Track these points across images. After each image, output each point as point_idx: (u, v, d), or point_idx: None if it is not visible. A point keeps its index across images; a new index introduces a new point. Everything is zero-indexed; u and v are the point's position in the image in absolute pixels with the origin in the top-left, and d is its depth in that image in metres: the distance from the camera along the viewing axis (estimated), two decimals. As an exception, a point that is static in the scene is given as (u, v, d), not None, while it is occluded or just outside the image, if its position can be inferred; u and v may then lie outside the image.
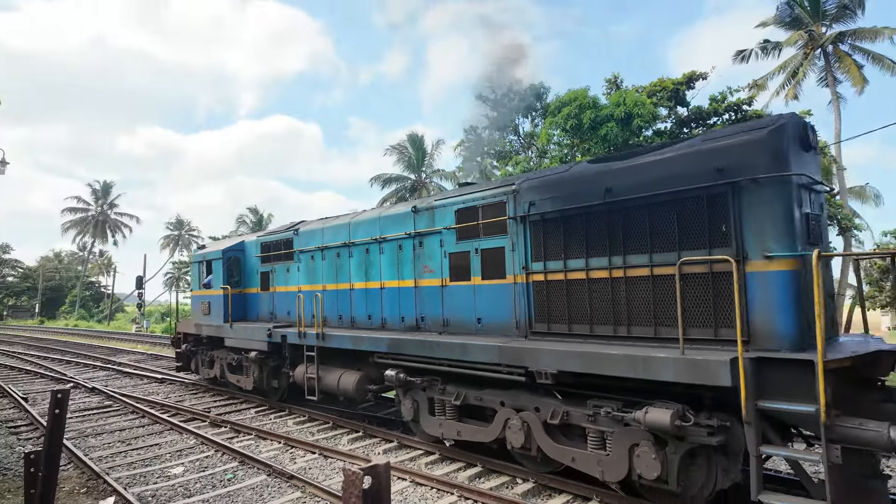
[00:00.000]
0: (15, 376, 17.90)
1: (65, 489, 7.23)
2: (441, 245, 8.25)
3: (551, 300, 6.66)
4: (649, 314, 5.73)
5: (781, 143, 5.06)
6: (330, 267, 10.53)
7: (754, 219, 5.09)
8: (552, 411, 6.28)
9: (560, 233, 6.60)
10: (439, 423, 7.82)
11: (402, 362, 8.16)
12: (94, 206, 59.28)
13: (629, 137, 20.03)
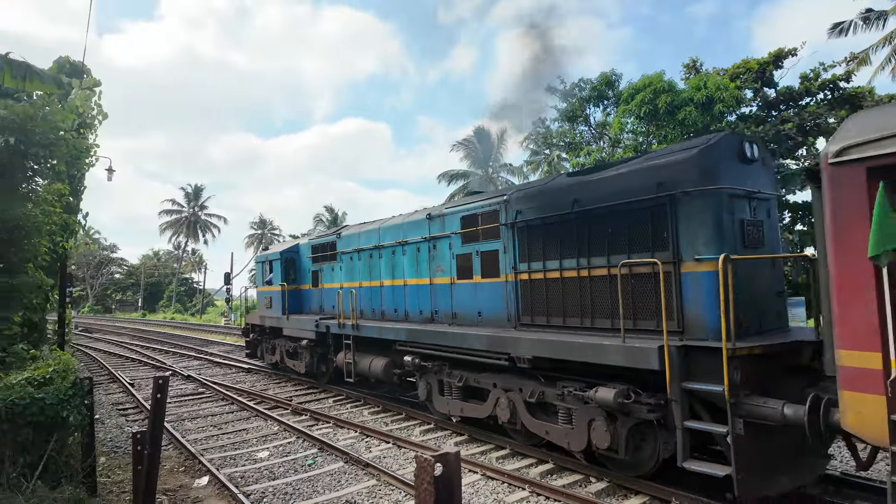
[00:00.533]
0: (123, 364, 19.78)
1: (166, 467, 7.91)
2: (450, 248, 9.37)
3: (534, 296, 7.67)
4: (607, 308, 6.64)
5: (709, 161, 5.87)
6: (364, 266, 11.89)
7: (687, 226, 5.89)
8: (531, 391, 7.32)
9: (540, 238, 7.58)
10: (447, 402, 9.04)
11: (418, 349, 9.42)
12: (186, 208, 64.01)
13: (710, 123, 18.90)
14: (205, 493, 6.97)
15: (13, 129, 6.04)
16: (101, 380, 15.99)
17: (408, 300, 10.55)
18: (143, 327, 39.54)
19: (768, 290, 6.21)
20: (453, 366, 8.85)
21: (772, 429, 5.11)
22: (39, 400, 5.99)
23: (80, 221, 11.04)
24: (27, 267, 6.77)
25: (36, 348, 8.95)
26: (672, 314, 5.90)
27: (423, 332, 9.25)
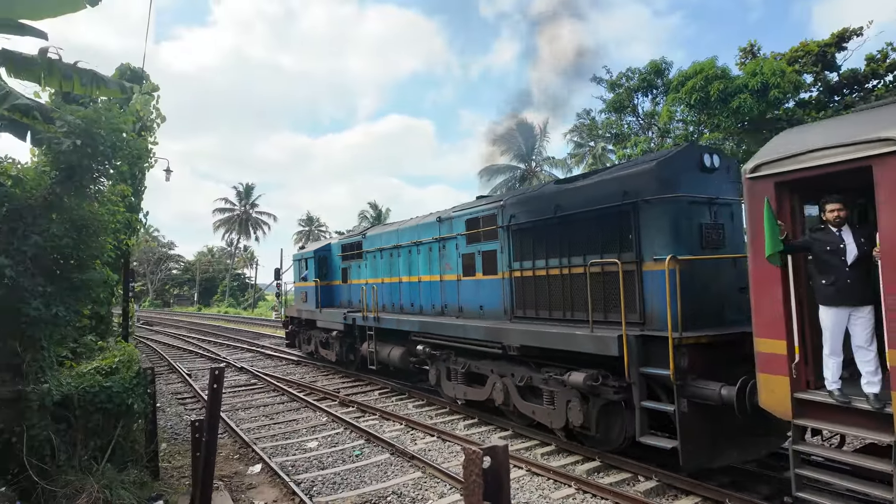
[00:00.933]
0: (181, 355, 20.77)
1: (221, 455, 8.26)
2: (456, 248, 10.25)
3: (525, 292, 8.48)
4: (583, 303, 7.24)
5: (667, 172, 6.53)
6: (386, 264, 12.94)
7: (648, 230, 6.55)
8: (521, 376, 8.18)
9: (530, 239, 8.38)
10: (453, 387, 9.95)
11: (428, 340, 10.42)
12: (238, 206, 66.37)
13: (766, 110, 18.03)
14: (258, 481, 7.25)
15: (80, 133, 6.42)
16: (161, 370, 16.85)
17: (422, 295, 11.52)
18: (199, 320, 41.33)
19: (729, 286, 6.66)
20: (458, 354, 9.77)
21: (720, 408, 5.70)
22: (107, 388, 6.38)
23: (141, 220, 11.65)
24: (94, 263, 7.19)
25: (103, 340, 9.52)
26: (635, 308, 6.67)
27: (432, 324, 10.32)
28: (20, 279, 5.99)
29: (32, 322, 6.06)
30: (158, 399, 10.61)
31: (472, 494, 1.61)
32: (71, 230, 6.68)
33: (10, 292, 5.93)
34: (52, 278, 6.49)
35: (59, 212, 6.60)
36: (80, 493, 5.74)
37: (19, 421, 5.82)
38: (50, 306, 6.22)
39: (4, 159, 6.67)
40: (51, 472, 5.90)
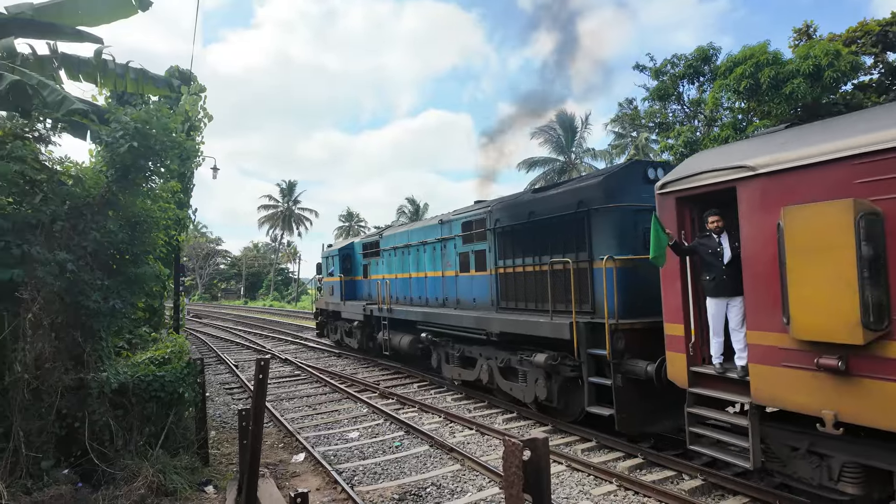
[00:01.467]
0: (228, 347, 21.52)
1: (267, 443, 8.53)
2: (455, 247, 11.47)
3: (507, 286, 9.67)
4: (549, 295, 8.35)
5: (612, 185, 7.70)
6: (399, 261, 14.20)
7: (597, 234, 7.72)
8: (502, 359, 9.46)
9: (511, 240, 9.57)
10: (450, 369, 11.32)
11: (431, 328, 11.80)
12: (281, 202, 68.05)
13: (821, 95, 17.10)
14: (301, 469, 7.45)
15: (134, 133, 6.72)
16: (210, 361, 17.51)
17: (428, 289, 12.77)
18: (245, 314, 42.70)
19: None
20: (455, 341, 11.14)
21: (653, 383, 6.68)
22: (160, 377, 6.68)
23: (190, 216, 12.12)
24: (148, 258, 7.53)
25: (156, 331, 9.96)
26: (588, 299, 7.82)
27: (433, 315, 11.65)
28: (81, 273, 6.33)
29: (92, 314, 6.39)
30: (207, 389, 11.03)
31: (512, 486, 1.61)
32: (126, 226, 7.02)
33: (72, 286, 6.28)
34: (109, 272, 6.84)
35: (115, 209, 6.94)
36: (137, 477, 6.05)
37: (81, 407, 6.17)
38: (108, 299, 6.55)
39: (65, 160, 7.04)
40: (110, 456, 6.23)
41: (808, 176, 4.78)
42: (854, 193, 4.39)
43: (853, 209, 4.29)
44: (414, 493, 6.41)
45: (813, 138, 4.98)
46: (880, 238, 4.26)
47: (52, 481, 5.84)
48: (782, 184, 4.98)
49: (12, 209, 6.38)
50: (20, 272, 5.90)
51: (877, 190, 4.31)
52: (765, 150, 5.29)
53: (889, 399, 4.22)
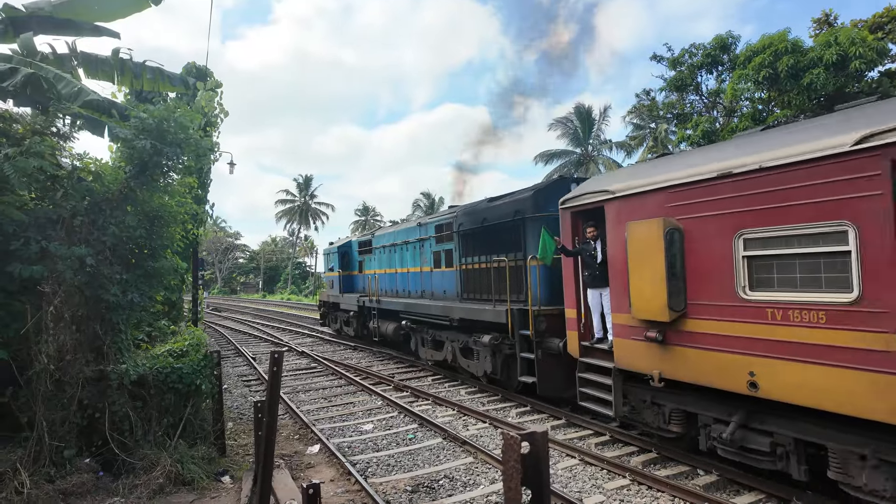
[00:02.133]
0: (247, 340, 21.83)
1: (283, 434, 8.66)
2: (430, 247, 13.34)
3: (468, 280, 11.58)
4: (496, 287, 10.34)
5: (539, 198, 9.51)
6: (387, 258, 16.07)
7: (529, 238, 9.42)
8: (461, 341, 11.29)
9: (470, 241, 11.47)
10: (425, 351, 13.22)
11: (410, 316, 13.64)
12: (298, 197, 68.63)
13: (844, 84, 16.63)
14: (316, 460, 7.55)
15: (151, 130, 6.82)
16: (228, 353, 17.78)
17: (409, 283, 14.67)
18: (263, 307, 43.24)
19: None
20: (429, 327, 12.86)
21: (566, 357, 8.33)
22: (178, 369, 6.80)
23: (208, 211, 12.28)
24: (165, 252, 7.66)
25: (175, 324, 10.14)
26: (523, 290, 9.46)
27: (412, 304, 13.51)
28: (100, 267, 6.47)
29: (111, 307, 6.53)
30: (225, 381, 11.21)
31: (511, 480, 1.61)
32: (144, 221, 7.14)
33: (92, 279, 6.42)
34: (127, 266, 6.97)
35: (133, 204, 7.07)
36: (155, 466, 6.19)
37: (102, 398, 6.32)
38: (126, 293, 6.69)
39: (84, 156, 7.18)
40: (129, 446, 6.38)
41: (642, 199, 6.52)
42: (666, 214, 6.14)
43: (663, 225, 6.00)
44: (427, 485, 6.45)
45: (648, 172, 6.71)
46: (680, 246, 5.97)
47: (74, 470, 6.01)
48: (629, 204, 6.71)
49: (34, 204, 6.53)
50: (40, 269, 6.05)
51: (678, 212, 6.01)
52: (622, 179, 7.13)
53: (687, 359, 5.96)
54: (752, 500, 5.63)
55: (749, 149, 5.53)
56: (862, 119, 4.69)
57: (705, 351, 5.76)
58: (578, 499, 5.78)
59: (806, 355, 4.85)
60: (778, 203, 5.06)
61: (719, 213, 5.63)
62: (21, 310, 6.20)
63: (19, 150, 6.07)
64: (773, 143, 5.34)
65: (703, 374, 5.79)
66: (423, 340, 13.30)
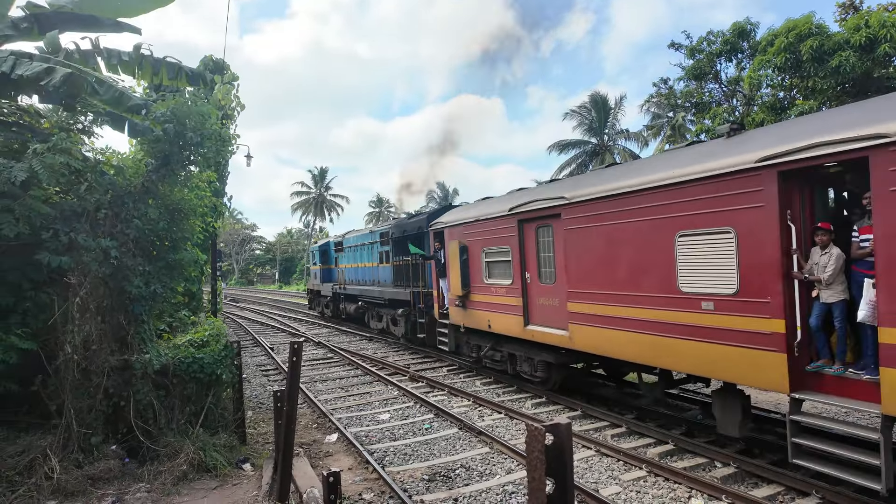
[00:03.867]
0: (264, 330, 22.12)
1: (301, 423, 8.79)
2: (377, 248, 18.10)
3: (397, 272, 16.17)
4: (409, 277, 15.07)
5: (431, 219, 13.77)
6: (353, 255, 21.09)
7: (426, 245, 13.86)
8: (391, 314, 16.16)
9: (398, 245, 16.14)
10: (374, 324, 18.69)
11: (364, 299, 19.13)
12: (313, 189, 69.00)
13: (872, 69, 16.17)
14: (334, 449, 7.66)
15: (173, 121, 6.92)
16: (247, 344, 18.05)
17: (365, 274, 19.55)
18: (280, 297, 43.69)
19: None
20: (375, 305, 18.33)
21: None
22: (199, 359, 6.93)
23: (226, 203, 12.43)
24: (186, 244, 7.78)
25: (195, 315, 10.31)
26: (424, 280, 14.03)
27: (365, 290, 18.90)
28: (124, 259, 6.60)
29: (134, 298, 6.67)
30: (244, 370, 11.37)
31: (535, 470, 1.63)
32: (165, 214, 7.26)
33: (116, 271, 6.55)
34: (149, 258, 7.10)
35: (154, 197, 7.18)
36: (179, 454, 6.33)
37: (126, 387, 6.48)
38: (149, 284, 6.82)
39: (107, 150, 7.31)
40: (153, 434, 6.54)
41: (455, 228, 11.77)
42: (461, 237, 11.41)
43: (458, 244, 11.28)
44: (443, 474, 6.52)
45: (465, 210, 12.01)
46: (465, 255, 11.14)
47: (101, 456, 6.19)
48: (451, 231, 11.99)
49: (59, 198, 6.67)
50: (68, 259, 6.19)
51: (465, 237, 11.23)
52: (454, 213, 12.57)
53: (471, 316, 11.18)
54: (770, 492, 5.60)
55: (490, 207, 10.79)
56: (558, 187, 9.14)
57: (476, 311, 11.19)
58: (595, 489, 5.80)
59: (503, 311, 10.18)
60: (491, 235, 10.54)
61: (478, 238, 10.99)
62: (48, 301, 6.36)
63: (47, 146, 6.19)
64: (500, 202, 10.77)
65: (476, 323, 11.23)
66: (371, 315, 19.07)
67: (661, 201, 6.59)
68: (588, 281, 7.92)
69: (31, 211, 6.13)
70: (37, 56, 6.71)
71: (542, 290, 9.20)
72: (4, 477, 5.71)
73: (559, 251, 8.56)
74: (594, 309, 7.79)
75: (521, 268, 9.54)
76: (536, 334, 9.16)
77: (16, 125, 7.38)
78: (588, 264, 7.94)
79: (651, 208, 6.74)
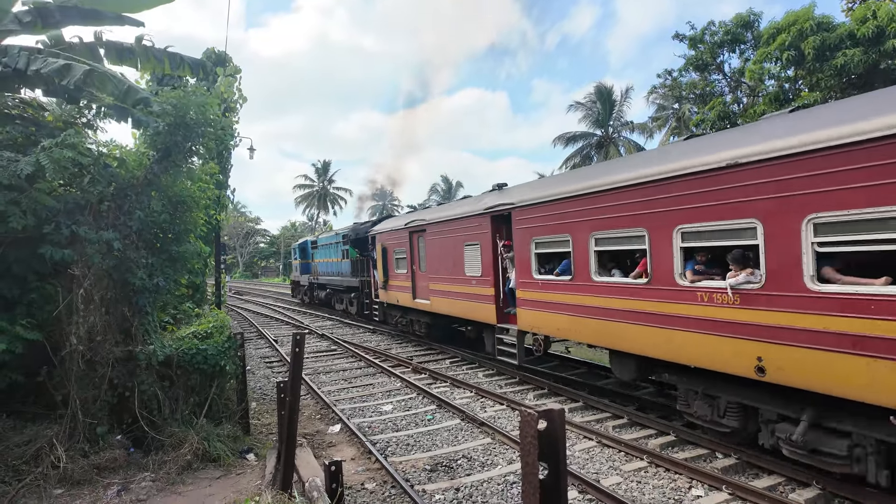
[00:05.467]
0: (268, 322, 22.23)
1: (305, 414, 8.85)
2: (340, 247, 22.78)
3: (354, 266, 21.37)
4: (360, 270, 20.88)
5: (370, 227, 19.79)
6: (324, 252, 25.95)
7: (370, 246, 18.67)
8: (349, 298, 22.49)
9: (354, 245, 21.39)
10: (338, 307, 24.11)
11: (331, 287, 24.74)
12: (316, 182, 69.07)
13: (878, 62, 16.02)
14: (337, 439, 7.72)
15: (173, 113, 6.93)
16: (251, 336, 18.15)
17: (333, 268, 24.36)
18: (284, 290, 43.82)
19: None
20: (339, 292, 23.32)
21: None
22: (203, 350, 6.98)
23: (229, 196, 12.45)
24: (189, 237, 7.82)
25: (199, 307, 10.37)
26: (368, 271, 19.28)
27: (331, 280, 24.13)
28: (127, 251, 6.64)
29: (138, 290, 6.71)
30: (248, 362, 11.45)
31: (528, 455, 1.65)
32: (168, 206, 7.29)
33: (120, 263, 6.60)
34: (152, 251, 7.14)
35: (157, 189, 7.21)
36: (183, 444, 6.40)
37: (131, 378, 6.54)
38: (152, 276, 6.86)
39: (110, 143, 7.34)
40: (158, 424, 6.60)
41: (381, 234, 16.96)
42: (384, 241, 16.62)
43: (381, 246, 16.74)
44: (445, 464, 6.57)
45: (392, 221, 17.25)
46: (386, 255, 16.33)
47: (106, 445, 6.26)
48: (380, 236, 17.02)
49: (63, 191, 6.71)
50: (70, 252, 6.24)
51: (386, 241, 16.49)
52: (382, 224, 17.81)
53: (389, 294, 16.44)
54: (770, 483, 5.61)
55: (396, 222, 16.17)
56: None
57: (391, 291, 16.09)
58: (596, 479, 5.83)
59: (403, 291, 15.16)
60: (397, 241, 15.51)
61: (391, 242, 15.91)
62: (53, 293, 6.42)
63: (55, 141, 6.22)
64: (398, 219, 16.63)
65: (392, 300, 16.02)
66: (336, 299, 24.42)
67: (455, 227, 12.16)
68: (437, 270, 13.08)
69: (36, 204, 6.17)
70: (46, 51, 6.74)
71: (420, 276, 14.25)
72: (11, 466, 5.79)
73: (426, 252, 13.70)
74: (440, 286, 12.99)
75: (411, 262, 14.61)
76: (419, 304, 14.37)
77: (20, 118, 7.42)
78: (436, 259, 13.20)
79: (452, 230, 12.30)
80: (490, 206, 10.57)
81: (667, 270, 6.43)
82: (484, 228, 10.72)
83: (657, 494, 5.57)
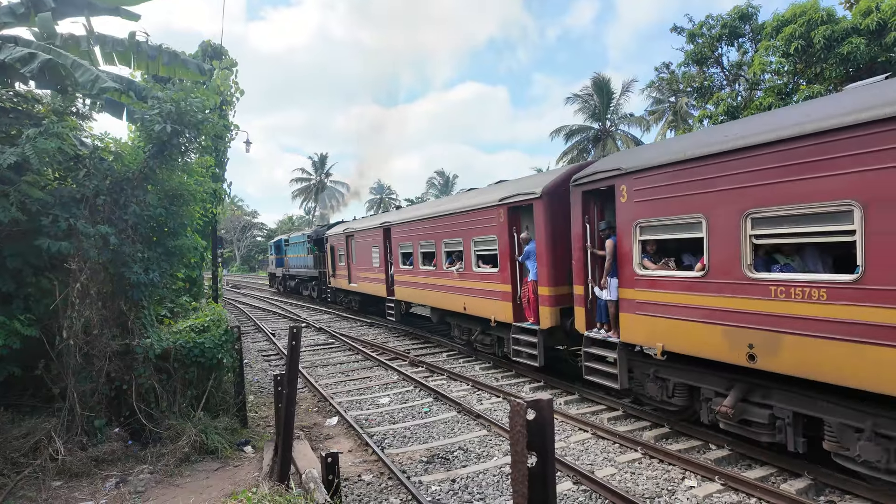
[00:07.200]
0: (266, 316, 22.26)
1: (302, 407, 8.90)
2: (306, 244, 27.82)
3: (315, 260, 26.84)
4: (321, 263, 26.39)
5: (326, 230, 25.40)
6: (295, 249, 30.88)
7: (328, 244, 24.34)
8: (312, 286, 28.13)
9: (315, 244, 26.73)
10: (304, 293, 29.76)
11: (298, 277, 30.85)
12: (314, 176, 68.87)
13: (879, 55, 16.01)
14: (335, 432, 7.77)
15: (170, 113, 6.91)
16: (248, 329, 18.18)
17: (301, 262, 29.33)
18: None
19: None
20: (305, 281, 29.25)
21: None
22: (200, 344, 7.00)
23: (226, 189, 12.43)
24: (185, 231, 7.82)
25: (196, 301, 10.39)
26: (326, 265, 24.73)
27: (299, 272, 30.06)
28: (123, 246, 6.65)
29: (134, 285, 6.72)
30: (246, 356, 11.49)
31: (517, 444, 1.68)
32: (164, 200, 7.28)
33: (116, 257, 6.60)
34: (149, 245, 7.14)
35: (153, 183, 7.20)
36: (181, 436, 6.43)
37: (128, 371, 6.56)
38: (148, 270, 6.86)
39: (105, 136, 7.32)
40: (156, 417, 6.64)
41: (331, 237, 23.12)
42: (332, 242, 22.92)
43: (331, 245, 23.17)
44: (442, 456, 6.62)
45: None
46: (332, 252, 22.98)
47: (104, 438, 6.29)
48: (330, 238, 23.31)
49: (57, 184, 6.70)
50: (67, 245, 6.24)
51: (332, 241, 22.96)
52: (332, 229, 23.67)
53: (337, 281, 22.69)
54: (762, 473, 5.68)
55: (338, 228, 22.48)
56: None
57: (337, 278, 22.26)
58: (590, 471, 5.89)
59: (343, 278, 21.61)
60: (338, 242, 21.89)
61: (335, 243, 22.27)
62: (49, 287, 6.42)
63: (39, 130, 6.19)
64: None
65: (339, 285, 22.24)
66: (302, 287, 29.52)
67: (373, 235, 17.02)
68: (361, 262, 18.76)
69: (25, 196, 6.15)
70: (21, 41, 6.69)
71: (353, 267, 19.81)
72: (10, 458, 5.82)
73: (355, 250, 19.23)
74: (363, 273, 18.58)
75: (348, 257, 20.23)
76: (353, 287, 20.07)
77: (13, 111, 7.39)
78: (360, 256, 18.82)
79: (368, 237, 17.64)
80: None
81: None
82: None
83: (651, 485, 5.63)
